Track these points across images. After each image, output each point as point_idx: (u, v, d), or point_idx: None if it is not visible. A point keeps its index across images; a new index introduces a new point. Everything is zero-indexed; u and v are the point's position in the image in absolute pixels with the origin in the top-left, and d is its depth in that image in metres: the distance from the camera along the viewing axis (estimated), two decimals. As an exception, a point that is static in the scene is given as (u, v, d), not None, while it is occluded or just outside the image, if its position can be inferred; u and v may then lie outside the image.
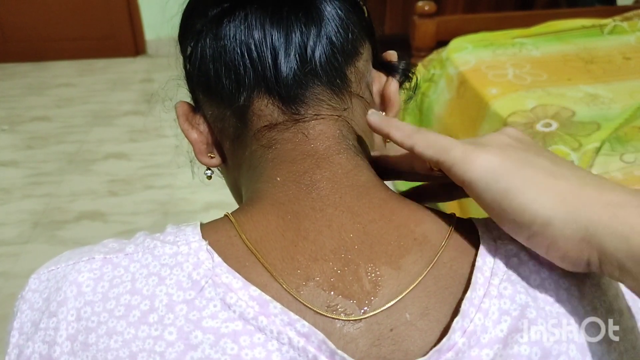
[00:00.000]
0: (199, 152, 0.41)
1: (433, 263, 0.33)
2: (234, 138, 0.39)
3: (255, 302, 0.30)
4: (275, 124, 0.36)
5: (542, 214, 0.29)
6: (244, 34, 0.35)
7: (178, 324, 0.30)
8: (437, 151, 0.33)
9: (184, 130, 0.41)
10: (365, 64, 0.40)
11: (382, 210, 0.35)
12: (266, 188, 0.36)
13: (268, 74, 0.35)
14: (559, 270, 0.33)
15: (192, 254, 0.32)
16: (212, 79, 0.37)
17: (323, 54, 0.36)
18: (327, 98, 0.37)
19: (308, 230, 0.33)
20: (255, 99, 0.36)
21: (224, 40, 0.35)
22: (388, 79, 0.42)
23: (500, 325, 0.30)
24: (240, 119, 0.37)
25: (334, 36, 0.36)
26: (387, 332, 0.31)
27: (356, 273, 0.32)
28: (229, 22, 0.35)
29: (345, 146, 0.37)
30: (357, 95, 0.39)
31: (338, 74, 0.37)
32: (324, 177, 0.35)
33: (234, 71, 0.36)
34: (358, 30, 0.38)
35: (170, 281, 0.31)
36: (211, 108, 0.39)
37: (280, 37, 0.35)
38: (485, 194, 0.31)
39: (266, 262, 0.32)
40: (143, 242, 0.34)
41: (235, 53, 0.35)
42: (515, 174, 0.30)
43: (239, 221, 0.35)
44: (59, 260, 0.35)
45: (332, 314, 0.31)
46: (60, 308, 0.31)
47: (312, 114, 0.36)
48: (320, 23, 0.36)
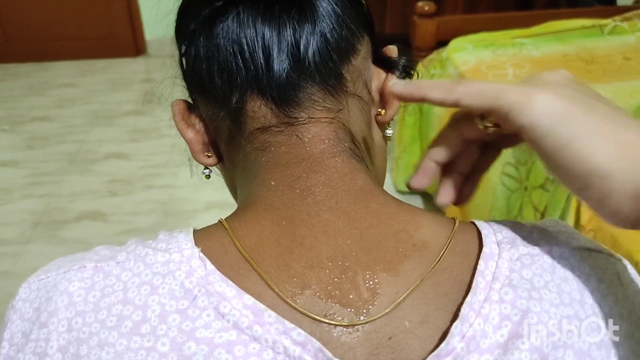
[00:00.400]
0: (195, 151, 0.40)
1: (432, 269, 0.32)
2: (229, 139, 0.38)
3: (250, 310, 0.30)
4: (269, 127, 0.35)
5: (603, 166, 0.28)
6: (236, 32, 0.34)
7: (171, 334, 0.29)
8: (488, 98, 0.30)
9: (179, 129, 0.40)
10: (363, 61, 0.38)
11: (379, 215, 0.34)
12: (260, 192, 0.35)
13: (260, 73, 0.34)
14: (561, 273, 0.32)
15: (185, 261, 0.32)
16: (206, 78, 0.36)
17: (317, 53, 0.34)
18: (321, 99, 0.35)
19: (304, 236, 0.33)
20: (249, 100, 0.35)
21: (217, 39, 0.35)
22: (387, 75, 0.40)
23: (501, 331, 0.30)
24: (234, 120, 0.36)
25: (328, 33, 0.35)
26: (386, 340, 0.30)
27: (354, 281, 0.31)
28: (221, 21, 0.34)
29: (340, 149, 0.35)
30: (353, 95, 0.37)
31: (333, 73, 0.35)
32: (319, 181, 0.34)
33: (227, 71, 0.35)
34: (355, 26, 0.37)
35: (163, 290, 0.31)
36: (206, 108, 0.38)
37: (273, 36, 0.34)
38: (545, 140, 0.29)
39: (261, 270, 0.32)
40: (135, 249, 0.33)
41: (227, 52, 0.34)
42: (579, 120, 0.29)
43: (232, 227, 0.34)
44: (50, 269, 0.34)
45: (330, 322, 0.30)
46: (51, 318, 0.31)
47: (306, 116, 0.35)
48: (315, 20, 0.34)
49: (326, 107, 0.35)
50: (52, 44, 3.15)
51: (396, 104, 0.40)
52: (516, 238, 0.34)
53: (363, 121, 0.38)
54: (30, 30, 3.09)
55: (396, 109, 0.41)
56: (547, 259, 0.33)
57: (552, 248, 0.34)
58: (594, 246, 0.35)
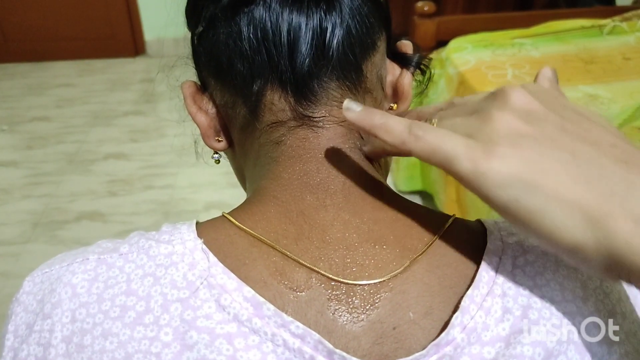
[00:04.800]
0: (206, 135, 0.40)
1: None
2: (243, 127, 0.38)
3: (249, 303, 0.30)
4: (286, 121, 0.35)
5: (568, 242, 0.26)
6: (263, 19, 0.34)
7: (174, 324, 0.30)
8: (441, 162, 0.28)
9: (191, 113, 0.39)
10: (381, 57, 0.38)
11: (387, 211, 0.34)
12: (270, 186, 0.35)
13: (283, 63, 0.34)
14: (564, 271, 0.33)
15: (188, 253, 0.32)
16: (225, 64, 0.35)
17: (341, 45, 0.34)
18: (340, 94, 0.35)
19: (311, 229, 0.33)
20: (269, 90, 0.35)
21: (240, 25, 0.34)
22: (402, 71, 0.40)
23: (503, 324, 0.30)
24: (252, 110, 0.36)
25: (353, 28, 0.35)
26: (390, 330, 0.31)
27: (360, 273, 0.32)
28: (247, 6, 0.34)
29: (352, 146, 0.36)
30: (369, 92, 0.37)
31: (354, 67, 0.35)
32: (329, 177, 0.35)
33: (249, 58, 0.34)
34: (377, 21, 0.37)
35: (165, 280, 0.31)
36: (221, 93, 0.38)
37: (300, 23, 0.33)
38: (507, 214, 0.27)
39: (277, 245, 0.32)
40: (138, 242, 0.33)
41: (250, 40, 0.34)
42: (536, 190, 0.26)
43: (239, 219, 0.34)
44: (53, 263, 0.34)
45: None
46: (55, 310, 0.31)
47: (323, 113, 0.35)
48: (341, 12, 0.34)
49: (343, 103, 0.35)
50: (50, 43, 3.15)
51: (409, 98, 0.40)
52: (521, 235, 0.35)
53: None
54: (29, 30, 3.09)
55: (409, 103, 0.41)
56: (550, 256, 0.33)
57: None
58: None
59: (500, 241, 0.34)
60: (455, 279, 0.32)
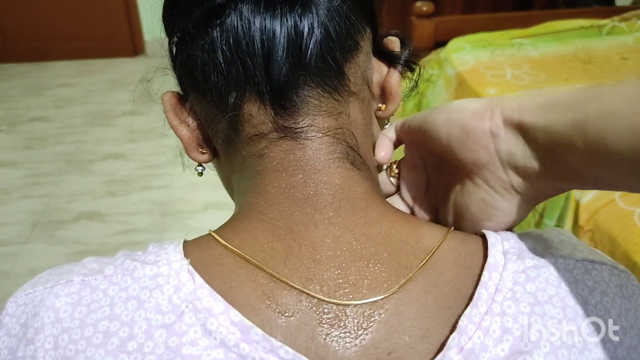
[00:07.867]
0: (189, 148, 0.39)
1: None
2: (225, 139, 0.36)
3: (237, 327, 0.29)
4: (267, 133, 0.34)
5: (484, 128, 0.34)
6: (235, 29, 0.32)
7: (158, 352, 0.28)
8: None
9: (172, 126, 0.38)
10: (365, 57, 0.36)
11: (379, 225, 0.33)
12: (256, 201, 0.34)
13: (258, 73, 0.32)
14: (565, 287, 0.32)
15: (173, 275, 0.31)
16: (200, 77, 0.34)
17: (319, 50, 0.32)
18: (321, 102, 0.34)
19: (300, 247, 0.32)
20: (246, 102, 0.33)
21: (213, 36, 0.33)
22: (389, 70, 0.38)
23: (502, 344, 0.29)
24: (231, 123, 0.35)
25: (332, 30, 0.33)
26: (385, 355, 0.29)
27: (352, 294, 0.31)
28: (219, 17, 0.32)
29: (339, 156, 0.34)
30: (354, 95, 0.36)
31: (334, 72, 0.33)
32: (317, 190, 0.33)
33: (223, 71, 0.33)
34: (359, 19, 0.35)
35: (149, 305, 0.30)
36: (200, 106, 0.37)
37: (274, 30, 0.32)
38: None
39: (265, 267, 0.31)
40: (123, 263, 0.32)
41: (223, 52, 0.32)
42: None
43: (225, 238, 0.33)
44: (37, 283, 0.33)
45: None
46: (38, 335, 0.30)
47: (305, 123, 0.34)
48: (317, 14, 0.32)
49: (326, 111, 0.34)
50: (50, 44, 3.15)
51: (398, 98, 0.39)
52: (523, 249, 0.33)
53: (363, 122, 0.37)
54: (28, 30, 3.09)
55: (398, 103, 0.39)
56: (552, 271, 0.32)
57: (558, 260, 0.33)
58: (597, 258, 0.34)
59: (502, 255, 0.33)
60: (453, 299, 0.31)
